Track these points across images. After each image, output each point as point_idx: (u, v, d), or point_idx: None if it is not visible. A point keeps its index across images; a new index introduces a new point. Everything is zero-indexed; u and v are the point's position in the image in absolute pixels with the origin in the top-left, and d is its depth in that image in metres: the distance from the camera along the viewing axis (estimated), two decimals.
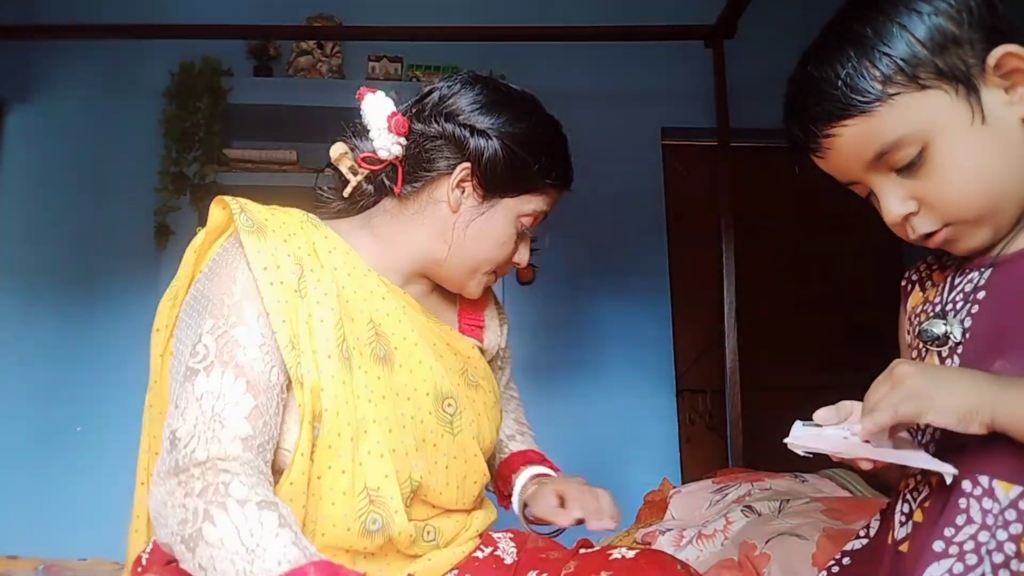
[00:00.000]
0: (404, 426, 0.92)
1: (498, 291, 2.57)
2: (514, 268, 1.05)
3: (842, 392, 0.78)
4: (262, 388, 0.83)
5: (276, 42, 2.74)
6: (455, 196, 0.96)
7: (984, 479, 0.65)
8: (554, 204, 1.04)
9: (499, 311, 1.17)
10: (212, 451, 0.78)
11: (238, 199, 0.93)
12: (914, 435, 0.75)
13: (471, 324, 1.10)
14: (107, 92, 2.73)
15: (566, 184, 1.03)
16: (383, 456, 0.88)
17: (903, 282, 0.87)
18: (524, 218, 1.00)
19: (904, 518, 0.74)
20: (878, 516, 0.86)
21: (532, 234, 1.05)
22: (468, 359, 1.04)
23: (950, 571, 0.64)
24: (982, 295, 0.72)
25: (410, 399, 0.93)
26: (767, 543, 1.29)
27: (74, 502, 2.42)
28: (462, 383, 1.01)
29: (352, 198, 1.01)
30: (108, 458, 2.53)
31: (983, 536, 0.64)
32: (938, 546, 0.66)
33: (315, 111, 2.59)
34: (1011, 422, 0.61)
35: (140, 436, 1.00)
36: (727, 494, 1.65)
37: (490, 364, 1.15)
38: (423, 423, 0.94)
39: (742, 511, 1.49)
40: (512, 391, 1.27)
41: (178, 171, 2.55)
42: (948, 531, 0.65)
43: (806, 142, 0.75)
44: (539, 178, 0.98)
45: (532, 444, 1.21)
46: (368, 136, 0.96)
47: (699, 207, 2.91)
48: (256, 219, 0.90)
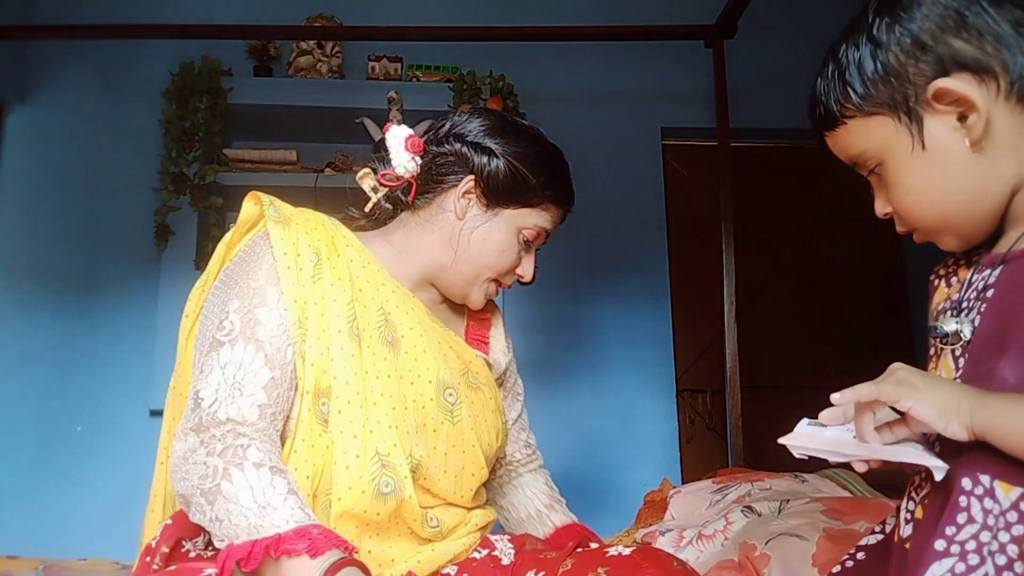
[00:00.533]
0: (407, 407, 0.99)
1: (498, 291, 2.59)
2: (517, 280, 1.13)
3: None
4: (278, 363, 0.92)
5: (276, 42, 2.74)
6: (461, 205, 1.07)
7: (985, 479, 0.65)
8: (557, 223, 1.12)
9: (506, 335, 1.25)
10: (231, 413, 0.88)
11: (268, 195, 1.04)
12: (929, 438, 0.75)
13: (477, 338, 1.18)
14: (107, 92, 2.74)
15: (566, 202, 1.11)
16: (391, 427, 0.95)
17: (931, 277, 0.88)
18: (526, 231, 1.08)
19: (908, 515, 0.75)
20: (895, 512, 0.85)
21: (535, 249, 1.13)
22: (470, 363, 1.10)
23: (952, 571, 0.64)
24: (991, 293, 0.73)
25: (413, 384, 1.00)
26: (767, 543, 1.29)
27: (74, 502, 2.42)
28: (463, 383, 1.07)
29: (372, 213, 1.13)
30: (108, 458, 2.53)
31: (985, 536, 0.64)
32: (939, 545, 0.66)
33: (315, 111, 2.59)
34: (988, 427, 0.63)
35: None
36: (727, 494, 1.65)
37: (499, 385, 1.20)
38: (424, 408, 1.00)
39: (742, 511, 1.49)
40: (532, 439, 1.29)
41: (178, 171, 2.55)
42: (949, 530, 0.66)
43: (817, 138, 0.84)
44: (539, 193, 1.07)
45: (570, 515, 1.23)
46: (389, 160, 1.08)
47: (699, 207, 2.91)
48: (283, 212, 1.01)
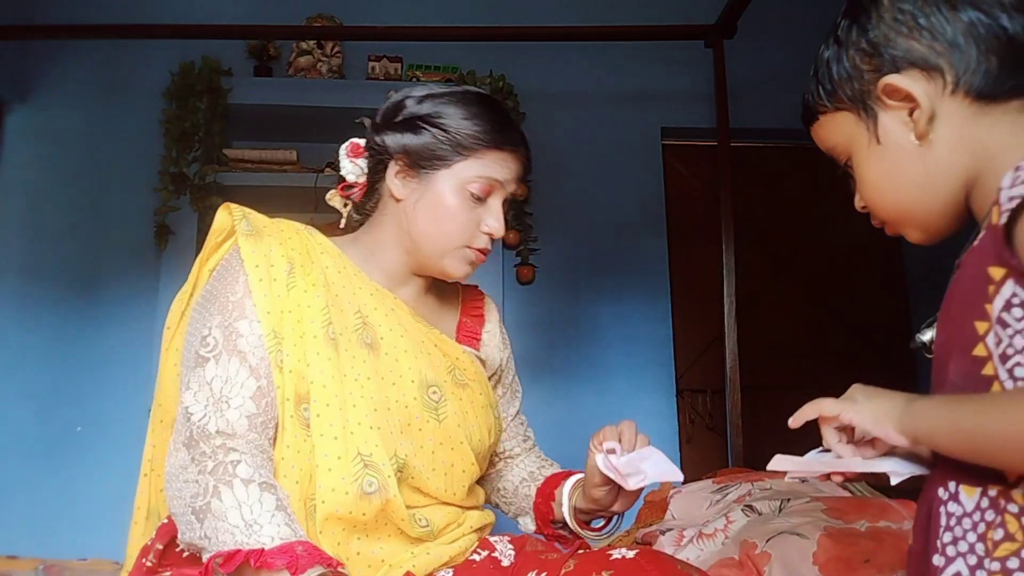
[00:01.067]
0: (389, 408, 0.99)
1: (498, 291, 2.60)
2: (492, 240, 1.08)
3: (842, 392, 0.79)
4: (263, 373, 0.94)
5: (276, 42, 2.74)
6: (397, 187, 1.07)
7: (952, 485, 0.69)
8: (513, 170, 1.07)
9: (503, 333, 1.24)
10: (221, 425, 0.90)
11: (242, 208, 1.04)
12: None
13: (468, 335, 1.17)
14: (107, 92, 2.73)
15: (503, 144, 1.05)
16: (372, 428, 0.96)
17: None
18: (471, 186, 1.04)
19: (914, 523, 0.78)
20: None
21: (506, 205, 1.09)
22: (457, 360, 1.09)
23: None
24: (946, 298, 0.76)
25: (395, 384, 1.01)
26: (768, 542, 1.29)
27: (74, 502, 2.42)
28: (449, 380, 1.07)
29: (349, 226, 1.15)
30: (108, 458, 2.53)
31: (947, 536, 0.67)
32: (937, 560, 0.69)
33: (315, 111, 2.59)
34: (915, 430, 0.69)
35: (141, 434, 1.02)
36: (727, 494, 1.65)
37: (494, 384, 1.20)
38: (408, 408, 1.01)
39: (743, 510, 1.49)
40: (530, 434, 1.29)
41: (178, 171, 2.55)
42: (937, 542, 0.69)
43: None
44: (464, 144, 1.04)
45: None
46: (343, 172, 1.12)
47: (699, 207, 2.91)
48: (255, 225, 1.02)
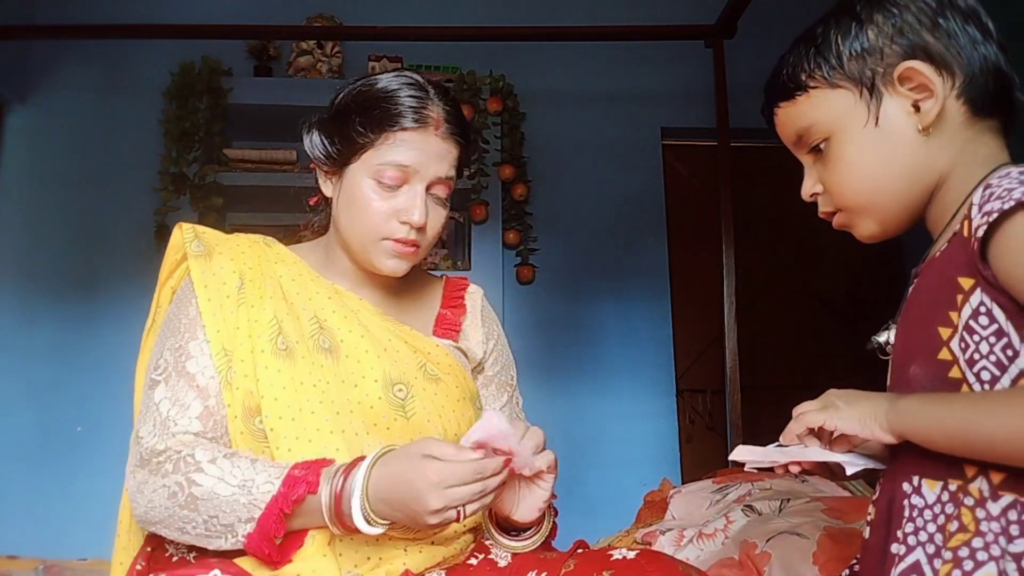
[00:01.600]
0: (351, 411, 0.99)
1: (498, 291, 2.60)
2: (415, 229, 1.02)
3: None
4: (212, 392, 0.96)
5: (276, 42, 2.74)
6: (326, 188, 1.09)
7: (915, 479, 0.73)
8: (426, 153, 1.01)
9: (486, 327, 1.20)
10: (168, 443, 0.92)
11: (196, 226, 1.06)
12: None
13: (447, 327, 1.16)
14: (107, 92, 2.73)
15: (406, 123, 1.00)
16: (332, 433, 0.96)
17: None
18: (385, 172, 1.01)
19: (869, 517, 0.82)
20: None
21: (428, 190, 1.03)
22: (429, 354, 1.08)
23: (899, 564, 0.72)
24: (905, 304, 0.80)
25: (357, 386, 1.00)
26: (768, 542, 1.29)
27: (74, 502, 2.42)
28: (420, 376, 1.05)
29: (320, 231, 1.18)
30: (108, 458, 2.53)
31: (908, 527, 0.72)
32: (895, 548, 0.73)
33: (315, 111, 2.59)
34: (903, 427, 0.71)
35: None
36: (727, 494, 1.65)
37: (477, 375, 1.17)
38: (373, 408, 1.00)
39: (743, 510, 1.50)
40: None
41: (178, 171, 2.55)
42: (900, 532, 0.73)
43: (766, 118, 0.89)
44: (362, 133, 1.02)
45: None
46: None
47: (699, 207, 2.91)
48: (207, 243, 1.04)
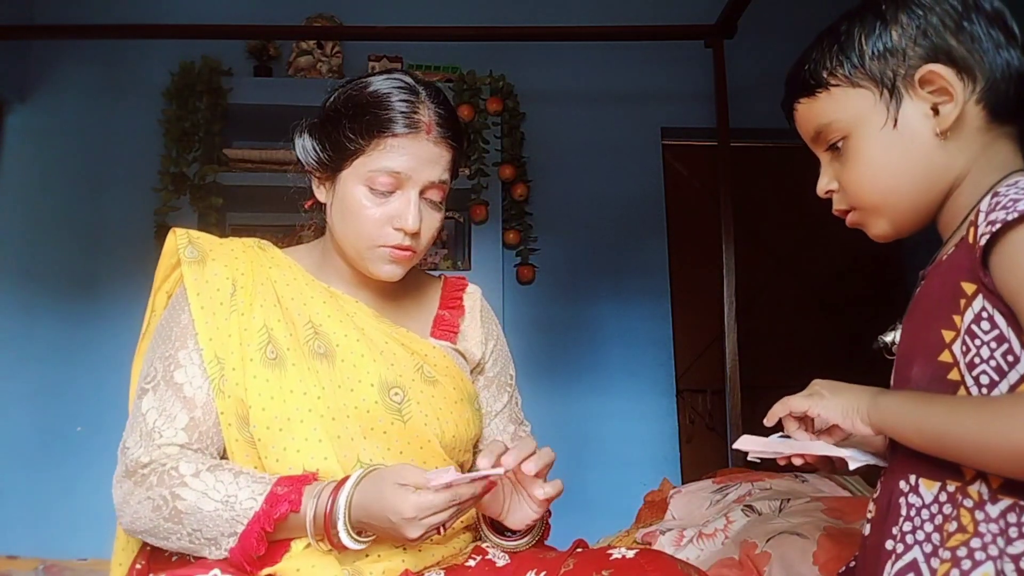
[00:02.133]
0: (348, 415, 0.99)
1: (498, 291, 2.60)
2: (409, 235, 1.01)
3: None
4: (200, 403, 0.96)
5: (276, 42, 2.74)
6: (320, 194, 1.08)
7: (913, 478, 0.74)
8: (418, 158, 0.99)
9: (485, 327, 1.19)
10: (153, 455, 0.92)
11: (190, 231, 1.06)
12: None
13: (445, 328, 1.15)
14: (107, 92, 2.73)
15: (396, 131, 0.99)
16: (321, 441, 0.96)
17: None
18: (376, 179, 0.99)
19: (869, 515, 0.83)
20: None
21: (422, 195, 1.01)
22: (426, 356, 1.08)
23: (900, 564, 0.72)
24: (911, 305, 0.81)
25: (353, 390, 1.00)
26: (768, 542, 1.29)
27: (74, 502, 2.42)
28: (417, 378, 1.05)
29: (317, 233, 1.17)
30: (108, 458, 2.53)
31: (906, 526, 0.73)
32: (889, 544, 0.74)
33: (315, 111, 2.59)
34: (881, 421, 0.74)
35: None
36: (727, 494, 1.65)
37: (476, 377, 1.17)
38: (369, 412, 1.00)
39: (742, 510, 1.50)
40: (524, 432, 1.22)
41: (178, 171, 2.55)
42: (895, 529, 0.74)
43: (786, 113, 0.89)
44: (353, 139, 1.00)
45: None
46: None
47: (699, 207, 2.91)
48: (201, 249, 1.04)
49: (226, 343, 0.98)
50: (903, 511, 0.74)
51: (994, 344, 0.68)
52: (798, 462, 0.84)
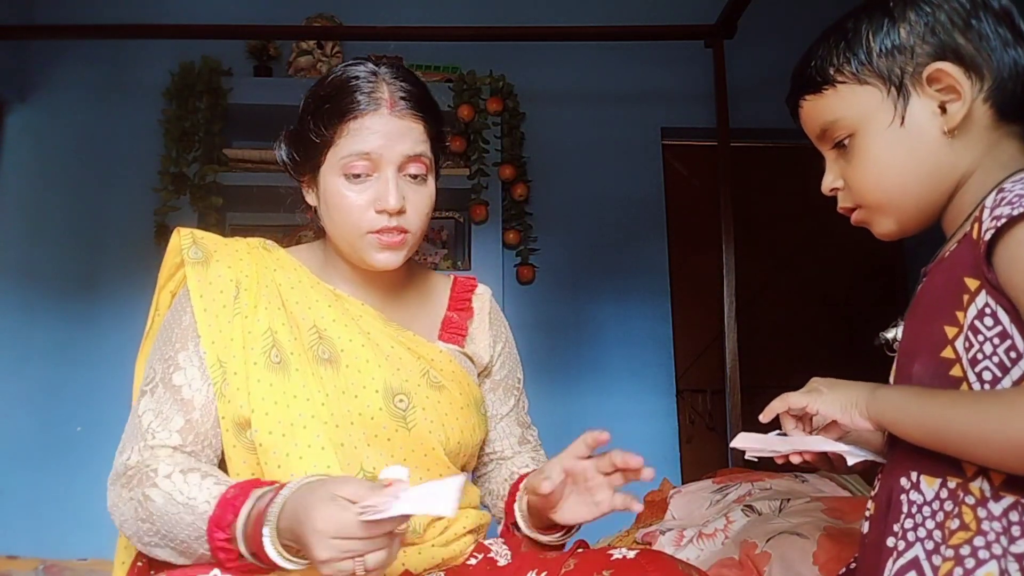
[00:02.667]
0: (352, 422, 0.97)
1: (498, 291, 2.59)
2: (393, 215, 0.98)
3: None
4: (198, 405, 0.95)
5: (276, 42, 2.74)
6: (309, 197, 1.07)
7: (914, 475, 0.74)
8: (384, 135, 0.97)
9: (494, 330, 1.18)
10: (144, 456, 0.92)
11: (195, 231, 1.04)
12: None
13: (453, 331, 1.13)
14: (107, 92, 2.73)
15: (354, 112, 0.97)
16: (324, 449, 0.94)
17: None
18: (350, 165, 0.98)
19: (867, 513, 0.83)
20: None
21: (400, 173, 0.99)
22: (433, 361, 1.06)
23: (901, 561, 0.72)
24: (913, 302, 0.81)
25: (357, 396, 0.98)
26: (768, 542, 1.29)
27: (74, 502, 2.42)
28: (423, 383, 1.03)
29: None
30: (108, 458, 2.53)
31: (908, 523, 0.73)
32: (890, 541, 0.74)
33: None
34: (880, 415, 0.74)
35: None
36: (727, 494, 1.65)
37: (483, 380, 1.16)
38: (374, 419, 0.98)
39: (743, 510, 1.50)
40: (531, 435, 1.22)
41: (178, 171, 2.55)
42: (896, 526, 0.74)
43: (790, 109, 0.88)
44: (319, 132, 0.99)
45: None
46: None
47: (699, 207, 2.91)
48: (205, 250, 1.02)
49: (228, 346, 0.96)
50: (904, 508, 0.74)
51: (997, 340, 0.68)
52: (796, 460, 0.84)
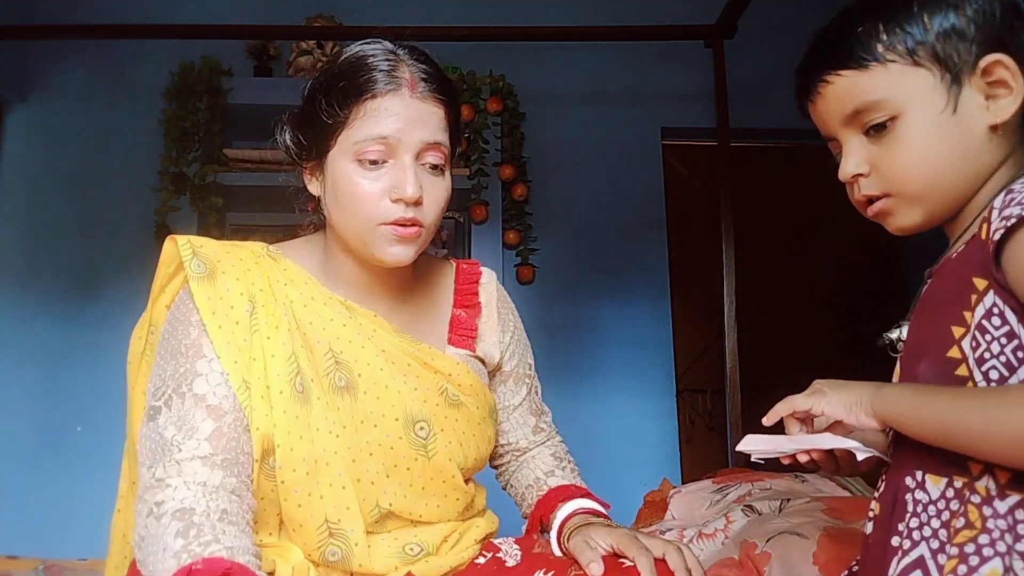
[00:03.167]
0: (371, 453, 0.92)
1: None
2: (410, 205, 0.92)
3: None
4: (228, 409, 0.86)
5: (276, 42, 2.74)
6: (312, 186, 1.01)
7: (919, 474, 0.74)
8: (404, 118, 0.91)
9: (502, 320, 1.13)
10: (169, 471, 0.82)
11: (192, 239, 0.95)
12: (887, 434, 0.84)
13: (462, 332, 1.07)
14: (107, 92, 2.73)
15: (373, 92, 0.91)
16: (345, 488, 0.90)
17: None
18: (365, 149, 0.91)
19: (871, 514, 0.82)
20: None
21: (417, 160, 0.93)
22: (449, 376, 1.01)
23: (905, 561, 0.72)
24: (919, 302, 0.81)
25: (377, 426, 0.93)
26: (768, 542, 1.29)
27: (74, 502, 2.42)
28: (441, 403, 0.99)
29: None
30: (108, 458, 2.52)
31: (913, 522, 0.73)
32: (895, 541, 0.74)
33: None
34: (886, 413, 0.74)
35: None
36: (727, 494, 1.65)
37: (493, 375, 1.13)
38: (393, 449, 0.94)
39: (742, 510, 1.49)
40: (544, 423, 1.21)
41: (178, 171, 2.55)
42: (901, 526, 0.74)
43: (807, 84, 0.83)
44: (333, 114, 0.92)
45: (574, 479, 1.14)
46: None
47: (699, 207, 2.91)
48: (208, 261, 0.93)
49: (250, 367, 0.88)
50: (909, 507, 0.73)
51: (1004, 340, 0.68)
52: (803, 459, 0.83)
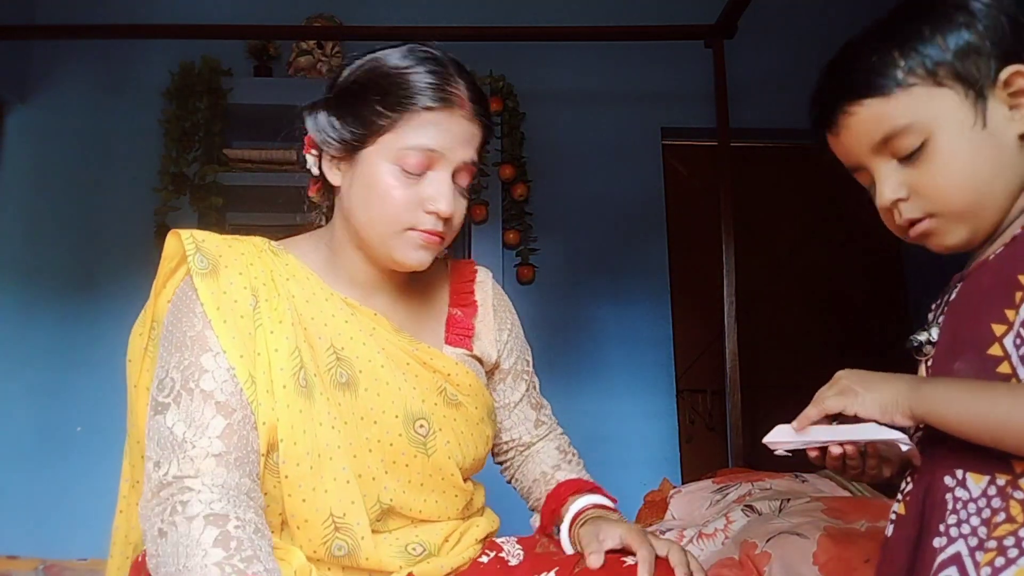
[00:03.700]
0: (370, 450, 0.93)
1: None
2: (439, 218, 0.93)
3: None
4: (236, 406, 0.85)
5: (276, 42, 2.74)
6: (333, 176, 0.98)
7: (959, 472, 0.73)
8: (455, 136, 0.92)
9: (499, 319, 1.13)
10: (184, 469, 0.81)
11: (194, 233, 0.94)
12: (909, 432, 0.82)
13: (460, 333, 1.07)
14: (107, 92, 2.74)
15: (433, 105, 0.91)
16: (349, 482, 0.90)
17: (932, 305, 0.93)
18: (404, 159, 0.91)
19: (893, 516, 0.82)
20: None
21: (454, 176, 0.94)
22: (448, 376, 1.01)
23: (939, 555, 0.72)
24: (951, 304, 0.81)
25: (377, 422, 0.94)
26: (768, 542, 1.29)
27: (74, 502, 2.42)
28: (440, 402, 0.99)
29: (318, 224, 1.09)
30: (108, 458, 2.52)
31: (951, 519, 0.72)
32: (937, 542, 0.73)
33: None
34: (926, 411, 0.72)
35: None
36: (727, 494, 1.65)
37: (492, 374, 1.13)
38: (392, 445, 0.94)
39: (742, 510, 1.49)
40: (545, 416, 1.22)
41: (178, 171, 2.55)
42: (941, 526, 0.73)
43: (826, 118, 0.82)
44: (381, 114, 0.91)
45: (581, 472, 1.15)
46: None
47: (699, 207, 2.91)
48: (211, 256, 0.92)
49: (255, 362, 0.88)
50: (949, 505, 0.73)
51: None
52: (836, 451, 0.79)
